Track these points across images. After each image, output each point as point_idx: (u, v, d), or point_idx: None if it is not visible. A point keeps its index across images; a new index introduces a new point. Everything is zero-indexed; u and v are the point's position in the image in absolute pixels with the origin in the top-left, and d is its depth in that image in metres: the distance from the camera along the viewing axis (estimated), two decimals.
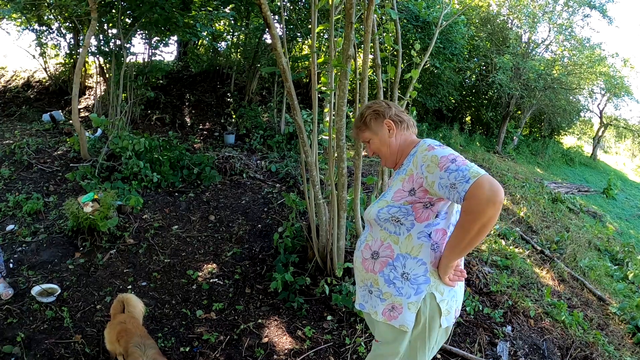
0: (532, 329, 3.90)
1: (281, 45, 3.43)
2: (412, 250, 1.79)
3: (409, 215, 1.78)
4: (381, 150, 1.96)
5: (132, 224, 4.88)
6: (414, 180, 1.77)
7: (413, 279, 1.78)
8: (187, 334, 3.34)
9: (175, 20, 6.43)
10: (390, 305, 1.82)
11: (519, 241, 6.18)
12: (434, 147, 1.75)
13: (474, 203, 1.56)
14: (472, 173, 1.58)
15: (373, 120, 1.95)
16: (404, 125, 1.96)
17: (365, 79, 3.42)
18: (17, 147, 6.50)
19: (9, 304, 3.50)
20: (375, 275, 1.85)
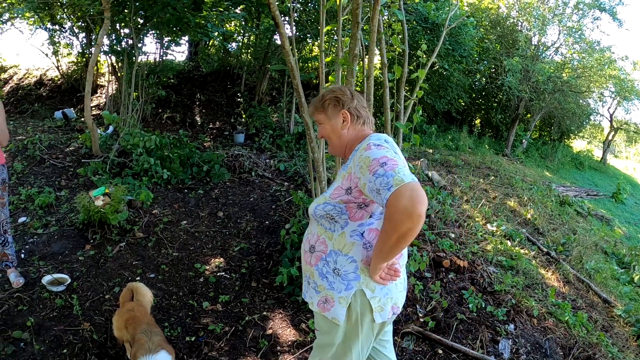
0: (535, 328, 3.90)
1: (289, 44, 3.49)
2: (344, 247, 1.81)
3: (343, 214, 1.80)
4: (331, 137, 1.97)
5: (142, 219, 4.96)
6: (351, 179, 1.77)
7: (344, 274, 1.81)
8: (193, 324, 3.40)
9: (186, 21, 6.52)
10: (324, 297, 1.86)
11: (525, 242, 6.18)
12: (370, 147, 1.72)
13: (392, 212, 1.52)
14: (396, 180, 1.52)
15: (331, 107, 1.94)
16: (360, 120, 1.95)
17: (371, 78, 3.47)
18: (30, 142, 6.62)
19: (19, 292, 3.58)
20: (312, 268, 1.90)
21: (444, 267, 4.56)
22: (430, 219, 5.90)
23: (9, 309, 3.37)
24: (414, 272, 4.34)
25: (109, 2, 5.95)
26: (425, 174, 8.34)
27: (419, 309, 3.85)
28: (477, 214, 6.78)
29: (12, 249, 3.76)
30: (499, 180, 9.72)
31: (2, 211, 3.58)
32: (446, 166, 9.89)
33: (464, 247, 5.31)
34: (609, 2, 13.91)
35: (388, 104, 3.94)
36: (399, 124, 4.06)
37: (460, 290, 4.22)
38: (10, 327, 3.19)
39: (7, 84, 11.03)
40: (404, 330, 3.53)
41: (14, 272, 3.75)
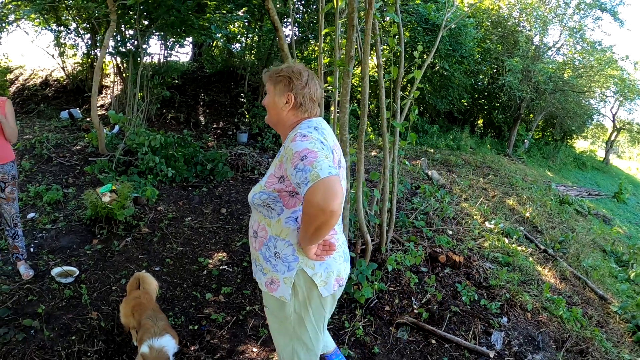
0: (528, 322, 3.99)
1: (290, 46, 3.62)
2: (281, 232, 1.91)
3: (278, 202, 1.87)
4: (270, 110, 1.98)
5: (147, 215, 5.11)
6: (282, 167, 1.82)
7: (284, 257, 1.92)
8: (197, 314, 3.55)
9: (190, 23, 6.67)
10: (270, 278, 1.99)
11: (523, 240, 6.27)
12: (296, 138, 1.74)
13: (307, 207, 1.61)
14: (312, 176, 1.58)
15: (282, 84, 1.93)
16: (303, 109, 1.95)
17: (366, 78, 3.59)
18: (37, 141, 6.78)
19: (29, 284, 3.73)
20: (257, 252, 2.01)
21: (440, 262, 4.66)
22: (428, 216, 5.98)
23: (19, 299, 3.52)
24: (410, 266, 4.44)
25: (115, 5, 6.10)
26: (425, 172, 8.45)
27: (414, 301, 3.95)
28: (476, 212, 6.85)
29: (22, 242, 3.92)
30: (499, 179, 9.79)
31: (13, 206, 3.74)
32: (447, 165, 9.99)
33: (460, 243, 5.40)
34: (610, 2, 13.98)
35: (384, 103, 4.06)
36: (395, 123, 4.19)
37: (455, 284, 4.32)
38: (20, 315, 3.34)
39: (13, 85, 11.19)
40: (399, 321, 3.63)
41: (24, 265, 3.91)
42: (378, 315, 3.75)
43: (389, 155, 4.27)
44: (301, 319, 2.03)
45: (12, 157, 3.70)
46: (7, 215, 3.76)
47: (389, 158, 4.31)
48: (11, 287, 3.68)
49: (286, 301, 1.98)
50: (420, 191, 6.99)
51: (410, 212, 6.00)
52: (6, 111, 3.55)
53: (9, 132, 3.58)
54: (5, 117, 3.54)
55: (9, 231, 3.83)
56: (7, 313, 3.34)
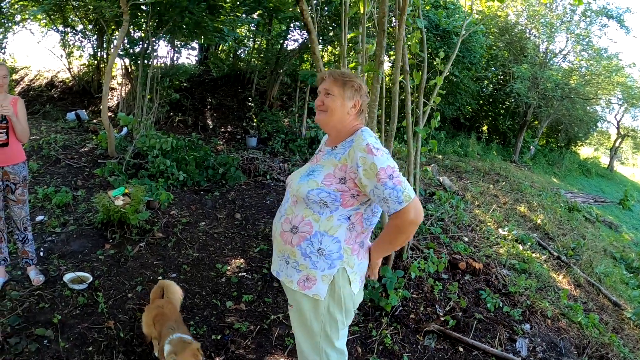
0: (549, 328, 3.97)
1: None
2: (330, 229, 1.89)
3: (336, 201, 1.88)
4: (334, 114, 1.96)
5: (161, 219, 4.97)
6: (346, 171, 1.86)
7: (327, 254, 1.90)
8: (218, 323, 3.40)
9: (205, 25, 6.55)
10: (305, 276, 1.94)
11: (536, 247, 6.27)
12: (372, 151, 1.80)
13: (401, 223, 1.82)
14: (405, 197, 1.78)
15: (352, 89, 1.96)
16: (362, 116, 2.05)
17: (397, 84, 3.49)
18: (45, 142, 6.65)
19: (40, 290, 3.56)
20: (293, 248, 1.94)
21: (460, 269, 4.63)
22: (444, 223, 5.92)
23: (30, 307, 3.36)
24: (432, 274, 4.39)
25: (128, 5, 5.98)
26: (437, 179, 8.35)
27: (438, 308, 3.92)
28: (489, 219, 6.82)
29: (32, 246, 3.76)
30: (508, 186, 9.74)
31: (23, 208, 3.59)
32: (456, 172, 9.91)
33: (477, 250, 5.38)
34: (616, 9, 14.00)
35: (410, 109, 3.98)
36: (418, 129, 4.11)
37: (476, 291, 4.29)
38: (32, 324, 3.18)
39: (19, 85, 11.08)
40: (426, 329, 3.58)
41: (34, 270, 3.75)
42: (404, 323, 3.68)
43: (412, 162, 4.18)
44: (333, 318, 2.00)
45: (24, 157, 3.56)
46: (17, 219, 3.61)
47: (412, 165, 4.21)
48: (21, 293, 3.52)
49: (320, 299, 1.95)
50: (435, 198, 6.88)
51: (425, 219, 5.90)
52: (18, 110, 3.41)
53: (20, 131, 3.44)
54: (17, 115, 3.40)
55: (19, 235, 3.67)
56: (17, 321, 3.18)
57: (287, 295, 2.13)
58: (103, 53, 10.18)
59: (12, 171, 3.44)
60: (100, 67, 10.33)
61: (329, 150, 2.01)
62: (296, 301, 2.03)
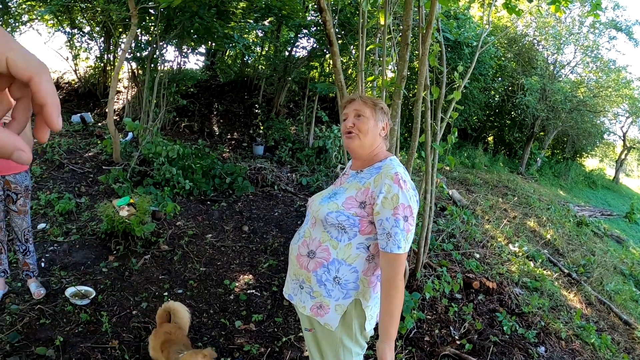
0: (563, 350, 3.88)
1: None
2: (348, 257, 1.80)
3: (355, 227, 1.78)
4: (366, 134, 1.88)
5: (166, 231, 4.82)
6: (368, 195, 1.77)
7: (344, 284, 1.80)
8: (227, 345, 3.24)
9: (215, 30, 6.43)
10: (318, 303, 1.85)
11: (547, 263, 6.19)
12: (399, 182, 1.72)
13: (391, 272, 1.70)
14: (404, 246, 1.69)
15: (381, 111, 1.92)
16: (387, 140, 2.00)
17: (420, 100, 3.36)
18: (49, 146, 6.51)
19: (41, 304, 3.42)
20: (309, 273, 1.85)
21: (473, 289, 4.53)
22: (455, 239, 5.80)
23: (30, 322, 3.21)
24: (447, 294, 4.27)
25: (137, 8, 5.87)
26: (447, 192, 8.21)
27: (453, 330, 3.81)
28: (499, 234, 6.70)
29: (34, 258, 3.62)
30: (517, 199, 9.62)
31: (25, 219, 3.44)
32: (465, 184, 9.78)
33: (489, 267, 5.28)
34: (625, 21, 13.95)
35: (430, 125, 3.85)
36: (435, 145, 4.00)
37: (491, 312, 4.20)
38: (32, 342, 3.03)
39: None
40: (443, 353, 3.45)
41: (35, 282, 3.60)
42: (419, 346, 3.55)
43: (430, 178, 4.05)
44: (347, 348, 1.90)
45: (26, 166, 3.41)
46: (18, 230, 3.45)
47: (429, 182, 4.09)
48: (21, 307, 3.37)
49: (331, 329, 1.84)
50: (447, 213, 6.74)
51: (436, 234, 5.77)
52: None
53: (24, 139, 3.29)
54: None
55: (20, 246, 3.51)
56: (17, 338, 3.03)
57: (301, 319, 2.03)
58: (110, 56, 10.09)
59: (13, 180, 3.29)
60: (107, 70, 10.23)
61: (353, 174, 1.93)
62: (311, 325, 1.94)
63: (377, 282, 1.85)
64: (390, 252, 1.68)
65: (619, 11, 21.35)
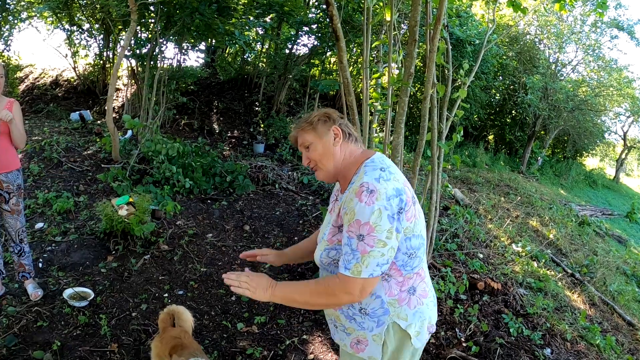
0: (569, 352, 3.82)
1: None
2: None
3: None
4: (322, 160, 1.71)
5: (166, 230, 4.74)
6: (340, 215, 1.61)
7: (372, 313, 1.66)
8: (230, 348, 3.16)
9: (216, 27, 6.34)
10: (355, 339, 1.73)
11: (550, 263, 6.12)
12: (361, 195, 1.50)
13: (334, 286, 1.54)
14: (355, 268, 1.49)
15: (321, 123, 1.70)
16: (352, 138, 1.75)
17: (428, 98, 3.29)
18: (47, 144, 6.42)
19: (38, 306, 3.35)
20: (336, 312, 1.75)
21: (478, 289, 4.47)
22: (459, 239, 5.74)
23: (27, 325, 3.14)
24: (452, 295, 4.22)
25: (136, 4, 5.77)
26: (450, 191, 8.15)
27: (459, 332, 3.76)
28: (502, 234, 6.63)
29: (29, 259, 3.54)
30: (519, 198, 9.56)
31: (18, 219, 3.36)
32: (467, 183, 9.71)
33: (493, 268, 5.22)
34: (627, 20, 13.87)
35: (436, 123, 3.79)
36: (440, 143, 3.94)
37: (496, 313, 4.14)
38: (29, 345, 2.96)
39: (23, 83, 10.90)
40: (450, 356, 3.40)
41: (32, 283, 3.53)
42: (424, 348, 3.42)
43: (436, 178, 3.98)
44: None
45: (18, 165, 3.31)
46: (12, 230, 3.37)
47: (435, 182, 4.02)
48: (18, 308, 3.30)
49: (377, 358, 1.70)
50: (450, 212, 6.67)
51: (440, 234, 5.70)
52: (14, 114, 3.14)
53: (17, 136, 3.19)
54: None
55: (14, 247, 3.43)
56: (14, 342, 2.95)
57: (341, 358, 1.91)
58: (109, 53, 10.00)
59: (5, 179, 3.20)
60: (106, 67, 10.15)
61: (340, 197, 1.74)
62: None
63: (409, 297, 1.67)
64: (341, 273, 1.51)
65: (621, 10, 21.26)
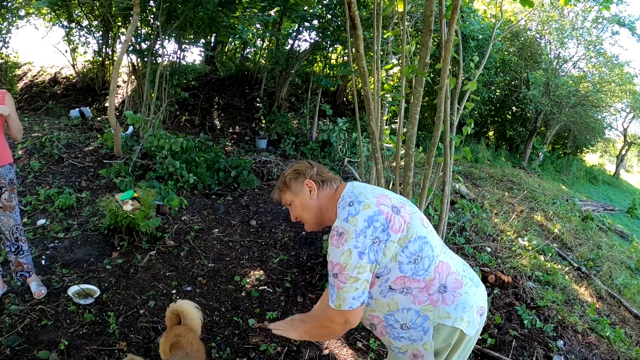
0: (580, 344, 3.84)
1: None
2: (389, 307, 1.69)
3: None
4: (303, 215, 1.83)
5: (172, 226, 4.64)
6: None
7: (412, 325, 1.69)
8: (242, 344, 3.08)
9: (220, 21, 6.22)
10: (412, 354, 1.76)
11: (556, 257, 6.14)
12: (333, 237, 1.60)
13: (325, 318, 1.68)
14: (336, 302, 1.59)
15: (293, 181, 1.81)
16: (327, 185, 1.81)
17: (443, 89, 3.21)
18: (47, 140, 6.30)
19: (42, 304, 3.24)
20: (385, 337, 1.80)
21: (489, 282, 4.49)
22: (467, 232, 5.72)
23: (31, 324, 3.04)
24: None
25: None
26: (454, 186, 8.08)
27: None
28: (508, 228, 6.59)
29: (29, 257, 3.40)
30: (522, 193, 9.54)
31: (11, 216, 3.20)
32: (470, 179, 9.67)
33: (502, 261, 5.21)
34: (628, 17, 13.81)
35: (448, 116, 3.72)
36: (452, 136, 3.87)
37: (508, 306, 4.15)
38: (34, 345, 2.85)
39: (21, 81, 10.78)
40: None
41: (36, 281, 3.41)
42: None
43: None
44: None
45: (10, 159, 3.17)
46: (6, 228, 3.21)
47: (448, 175, 3.94)
48: (21, 307, 3.19)
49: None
50: (457, 206, 6.60)
51: (448, 228, 5.65)
52: (7, 105, 3.02)
53: (15, 129, 3.09)
54: None
55: (10, 246, 3.28)
56: (18, 341, 2.85)
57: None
58: (108, 50, 9.88)
59: None
60: (105, 64, 10.04)
61: None
62: None
63: (441, 296, 1.66)
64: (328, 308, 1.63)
65: (623, 6, 21.25)
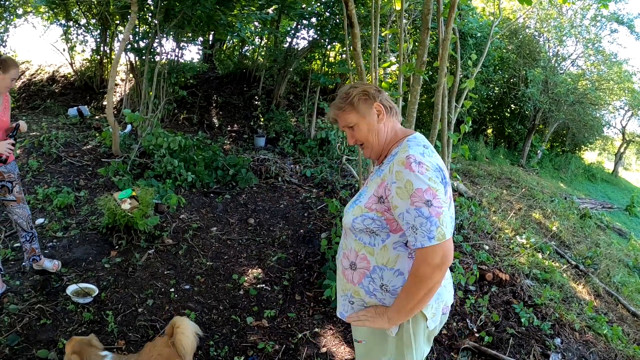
0: (577, 342, 3.86)
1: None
2: (388, 261, 1.64)
3: (384, 228, 1.62)
4: (368, 138, 1.73)
5: (170, 224, 4.65)
6: (384, 187, 1.60)
7: (392, 290, 1.65)
8: (240, 343, 3.09)
9: (218, 18, 6.21)
10: None
11: (554, 255, 6.15)
12: (411, 165, 1.50)
13: (424, 265, 1.48)
14: (439, 234, 1.45)
15: (362, 102, 1.69)
16: (393, 111, 1.75)
17: (441, 86, 3.22)
18: (45, 139, 6.30)
19: (41, 304, 3.26)
20: (355, 286, 1.73)
21: (486, 280, 4.49)
22: (465, 230, 5.72)
23: (30, 322, 3.05)
24: (463, 286, 4.23)
25: None
26: (452, 184, 8.12)
27: (470, 323, 3.78)
28: (506, 226, 6.61)
29: (37, 242, 3.61)
30: (520, 191, 9.56)
31: (24, 207, 3.42)
32: (469, 176, 9.69)
33: (499, 259, 5.22)
34: (627, 15, 13.82)
35: (445, 114, 3.74)
36: (450, 134, 3.90)
37: (505, 304, 4.17)
38: (33, 344, 2.87)
39: (19, 79, 10.73)
40: (463, 347, 3.41)
41: (47, 260, 3.63)
42: (437, 339, 3.48)
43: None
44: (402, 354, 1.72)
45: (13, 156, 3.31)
46: (22, 219, 3.40)
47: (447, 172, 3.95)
48: (20, 306, 3.20)
49: (391, 335, 1.69)
50: (456, 203, 6.62)
51: None
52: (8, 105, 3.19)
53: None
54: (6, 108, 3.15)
55: (26, 235, 3.48)
56: (17, 340, 2.86)
57: (353, 331, 1.87)
58: (106, 48, 9.86)
59: (5, 170, 3.22)
60: (103, 63, 10.01)
61: (377, 169, 1.77)
62: (365, 337, 1.79)
63: None
64: (422, 247, 1.46)
65: (621, 4, 21.21)
